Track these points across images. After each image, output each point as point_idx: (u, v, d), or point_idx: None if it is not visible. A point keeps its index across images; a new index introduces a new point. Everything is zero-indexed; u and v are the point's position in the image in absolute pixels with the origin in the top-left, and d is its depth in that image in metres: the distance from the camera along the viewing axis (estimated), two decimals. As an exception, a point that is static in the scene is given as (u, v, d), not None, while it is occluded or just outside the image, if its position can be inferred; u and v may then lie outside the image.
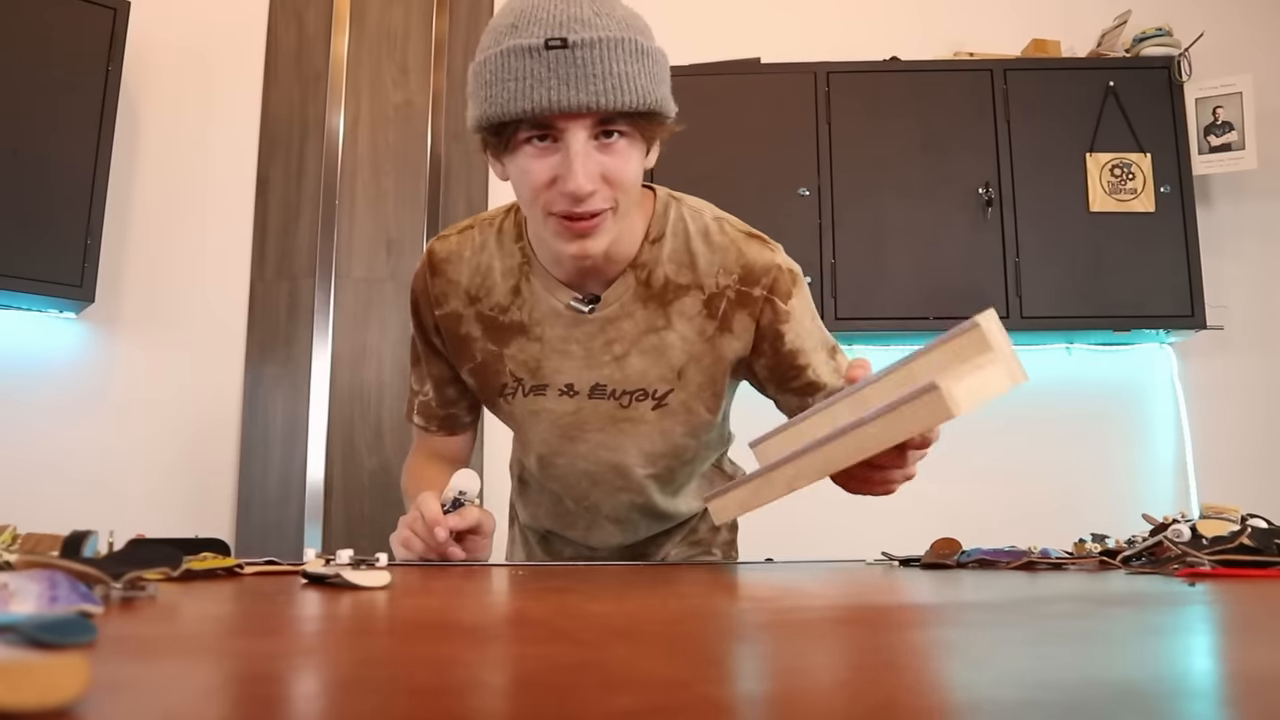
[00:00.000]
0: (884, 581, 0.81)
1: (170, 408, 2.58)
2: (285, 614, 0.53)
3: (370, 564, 0.79)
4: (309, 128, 2.68)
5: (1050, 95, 2.60)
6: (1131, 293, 2.51)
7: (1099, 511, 2.58)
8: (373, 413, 2.56)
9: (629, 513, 1.15)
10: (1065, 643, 0.42)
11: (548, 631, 0.44)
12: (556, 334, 1.03)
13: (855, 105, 2.60)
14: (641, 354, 1.02)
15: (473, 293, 1.06)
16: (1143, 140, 2.58)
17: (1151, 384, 2.76)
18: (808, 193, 2.54)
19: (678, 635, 0.44)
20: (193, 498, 2.54)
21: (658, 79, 0.89)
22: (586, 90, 0.83)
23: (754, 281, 1.03)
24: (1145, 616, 0.52)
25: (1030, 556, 0.93)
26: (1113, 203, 2.57)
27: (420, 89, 2.70)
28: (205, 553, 0.75)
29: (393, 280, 2.62)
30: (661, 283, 1.01)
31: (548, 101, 0.83)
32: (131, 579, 0.53)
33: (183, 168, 2.69)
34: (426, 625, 0.47)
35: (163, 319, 2.62)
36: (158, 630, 0.43)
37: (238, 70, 2.73)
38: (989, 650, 0.40)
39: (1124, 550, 0.91)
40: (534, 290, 1.03)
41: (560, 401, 1.05)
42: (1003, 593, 0.66)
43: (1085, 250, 2.53)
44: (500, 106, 0.85)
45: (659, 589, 0.71)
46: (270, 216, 2.66)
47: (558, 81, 0.83)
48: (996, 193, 2.53)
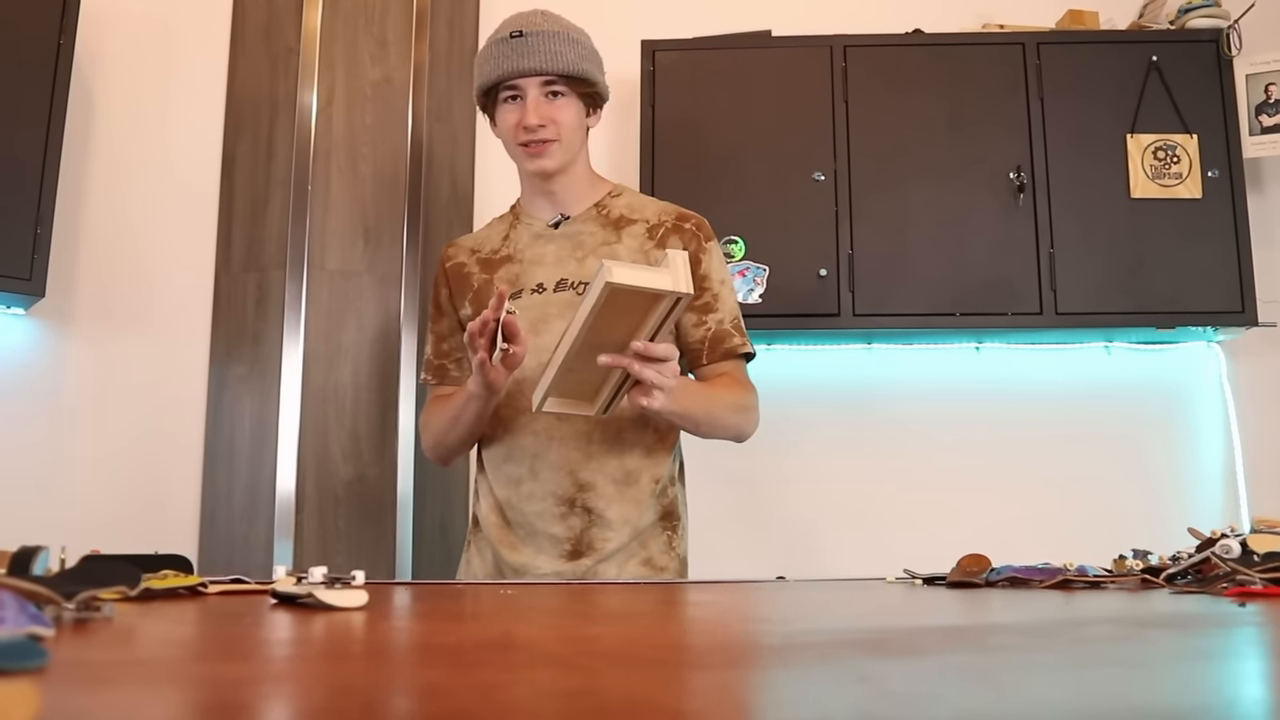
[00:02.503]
0: (905, 602, 0.81)
1: (127, 411, 2.58)
2: (253, 637, 0.53)
3: (345, 582, 0.79)
4: (279, 106, 2.68)
5: (1087, 71, 2.60)
6: (1176, 287, 2.51)
7: (1140, 525, 2.58)
8: (349, 417, 2.56)
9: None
10: (1104, 669, 0.42)
11: (538, 656, 0.44)
12: (535, 252, 1.54)
13: (874, 82, 2.60)
14: (597, 257, 1.49)
15: (475, 248, 1.62)
16: (1188, 120, 2.58)
17: (1198, 386, 2.76)
18: (823, 178, 2.54)
19: (682, 661, 0.44)
20: (152, 510, 2.54)
21: (585, 60, 1.50)
22: (534, 59, 1.45)
23: (686, 219, 1.55)
24: (1191, 640, 0.52)
25: (1066, 574, 0.93)
26: (1156, 188, 2.56)
27: (400, 64, 2.70)
28: (166, 570, 0.75)
29: (370, 272, 2.62)
30: (617, 216, 1.55)
31: (512, 67, 1.46)
32: (85, 599, 0.53)
33: (141, 150, 2.69)
34: (407, 649, 0.47)
35: (119, 315, 2.62)
36: (114, 655, 0.43)
37: (202, 43, 2.73)
38: (1020, 677, 0.40)
39: (1168, 568, 0.91)
40: (520, 230, 1.57)
41: (532, 299, 1.51)
42: (1035, 614, 0.66)
43: (1126, 240, 2.53)
44: (486, 76, 1.49)
45: (659, 610, 0.71)
46: (237, 203, 2.66)
47: (518, 56, 1.46)
48: (1029, 178, 2.53)
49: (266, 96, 2.69)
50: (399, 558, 2.48)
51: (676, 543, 1.52)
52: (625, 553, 1.47)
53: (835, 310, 2.45)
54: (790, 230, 2.48)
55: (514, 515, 1.50)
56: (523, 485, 1.48)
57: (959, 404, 2.66)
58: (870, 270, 2.50)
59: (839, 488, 2.63)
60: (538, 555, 1.47)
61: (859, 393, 2.68)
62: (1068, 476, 2.66)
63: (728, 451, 1.66)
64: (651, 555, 1.49)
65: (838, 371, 2.69)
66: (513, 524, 1.50)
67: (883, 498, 2.60)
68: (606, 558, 1.46)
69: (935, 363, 2.70)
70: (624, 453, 1.47)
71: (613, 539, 1.46)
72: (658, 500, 1.50)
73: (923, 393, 2.67)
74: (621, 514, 1.46)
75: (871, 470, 2.63)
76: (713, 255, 1.53)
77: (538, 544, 1.47)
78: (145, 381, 2.60)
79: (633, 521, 1.47)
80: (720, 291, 1.52)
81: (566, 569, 1.45)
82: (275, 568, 0.83)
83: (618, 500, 1.46)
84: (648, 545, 1.49)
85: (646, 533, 1.49)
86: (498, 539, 1.52)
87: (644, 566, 1.48)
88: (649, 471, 1.49)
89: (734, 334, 1.52)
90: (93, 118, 2.67)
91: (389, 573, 2.45)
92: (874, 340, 2.66)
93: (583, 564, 1.45)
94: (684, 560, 1.55)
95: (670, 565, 1.51)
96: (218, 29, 2.73)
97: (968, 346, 2.69)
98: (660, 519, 1.50)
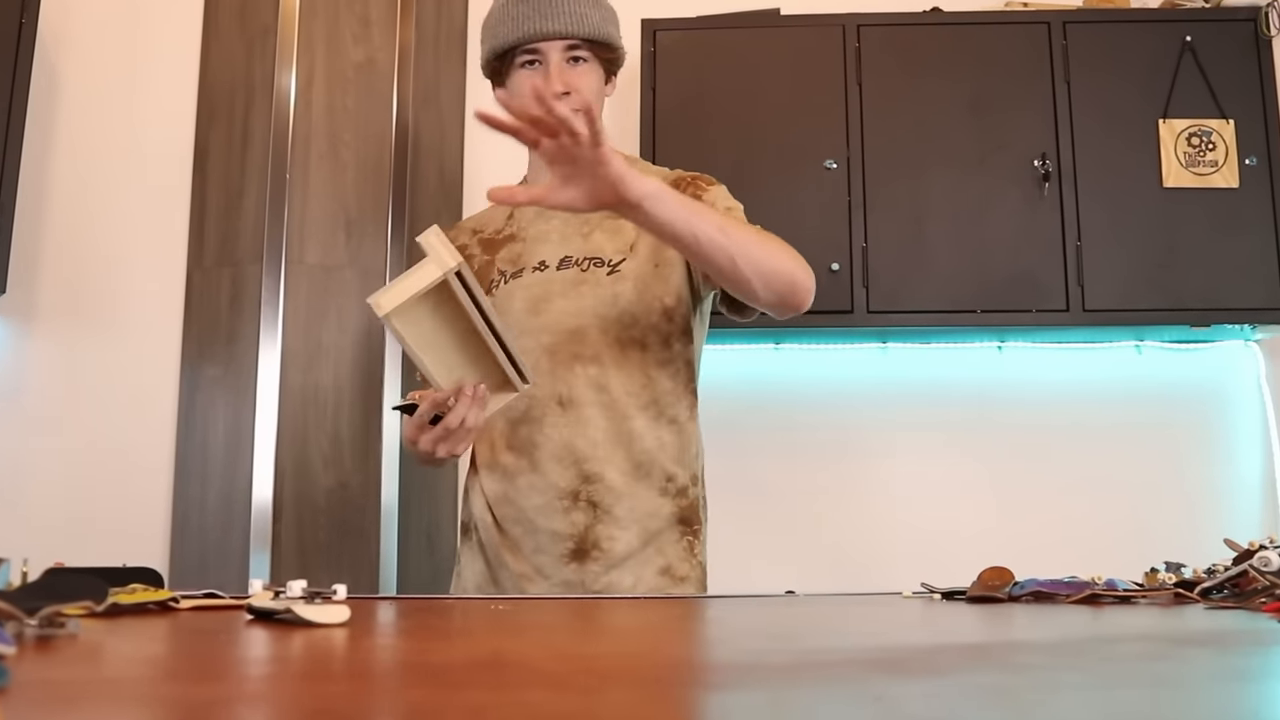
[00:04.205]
0: (923, 618, 0.81)
1: (93, 415, 2.58)
2: (227, 655, 0.53)
3: (326, 597, 0.79)
4: (255, 89, 2.68)
5: (1117, 52, 2.60)
6: (1211, 282, 2.51)
7: (1173, 536, 2.58)
8: (330, 421, 2.56)
9: (585, 391, 1.44)
10: (1135, 689, 0.42)
11: (533, 675, 0.44)
12: (539, 229, 1.52)
13: (890, 64, 2.60)
14: (603, 232, 1.49)
15: (476, 228, 1.62)
16: (1225, 105, 2.58)
17: (1234, 387, 2.76)
18: (835, 165, 2.54)
19: (684, 680, 0.44)
20: (119, 519, 2.54)
21: (609, 22, 1.49)
22: (558, 21, 1.41)
23: (688, 175, 1.54)
24: (1228, 659, 0.52)
25: (1093, 589, 0.93)
26: (1190, 177, 2.56)
27: (385, 45, 2.70)
28: (134, 584, 0.75)
29: (353, 266, 2.62)
30: None
31: (534, 29, 1.41)
32: (49, 615, 0.53)
33: (108, 136, 2.69)
34: (391, 668, 0.47)
35: (85, 313, 2.62)
36: (79, 674, 0.43)
37: (172, 22, 2.73)
38: (1045, 699, 0.40)
39: (1203, 581, 0.91)
40: (524, 208, 1.54)
41: (534, 277, 1.49)
42: (1062, 631, 0.66)
43: (1158, 232, 2.53)
44: (503, 39, 1.44)
45: (660, 625, 0.71)
46: (210, 192, 2.66)
47: (540, 18, 1.41)
48: (1055, 165, 2.53)
49: (241, 79, 2.69)
50: (383, 571, 2.48)
51: (699, 549, 1.48)
52: (639, 559, 1.43)
53: (848, 307, 2.45)
54: (800, 222, 2.48)
55: (510, 511, 1.46)
56: (520, 478, 1.45)
57: (980, 407, 2.65)
58: (885, 264, 2.50)
59: (849, 496, 2.63)
60: (536, 555, 1.44)
61: (872, 395, 2.68)
62: (1096, 484, 2.66)
63: (729, 457, 1.66)
64: (670, 563, 1.45)
65: (850, 373, 2.69)
66: (509, 521, 1.47)
67: (898, 507, 2.60)
68: (617, 564, 1.42)
69: (955, 363, 2.70)
70: (633, 442, 1.44)
71: (620, 538, 1.42)
72: (674, 500, 1.45)
73: (941, 395, 2.67)
74: (631, 510, 1.42)
75: (885, 477, 2.63)
76: (715, 191, 1.52)
77: (536, 542, 1.44)
78: (112, 383, 2.60)
79: (643, 519, 1.43)
80: (722, 207, 1.48)
81: (572, 575, 1.41)
82: (251, 581, 0.83)
83: (627, 495, 1.42)
84: (665, 552, 1.45)
85: (663, 536, 1.45)
86: (492, 541, 1.49)
87: (662, 576, 1.44)
88: (662, 465, 1.45)
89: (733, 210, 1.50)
90: (56, 102, 2.67)
91: (372, 587, 2.45)
92: (889, 339, 2.66)
93: (590, 570, 1.41)
94: (705, 569, 1.50)
95: (692, 575, 1.46)
96: (189, 6, 2.73)
97: (989, 345, 2.69)
98: (679, 521, 1.46)
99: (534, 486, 1.44)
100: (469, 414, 1.25)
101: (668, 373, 1.47)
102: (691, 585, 1.46)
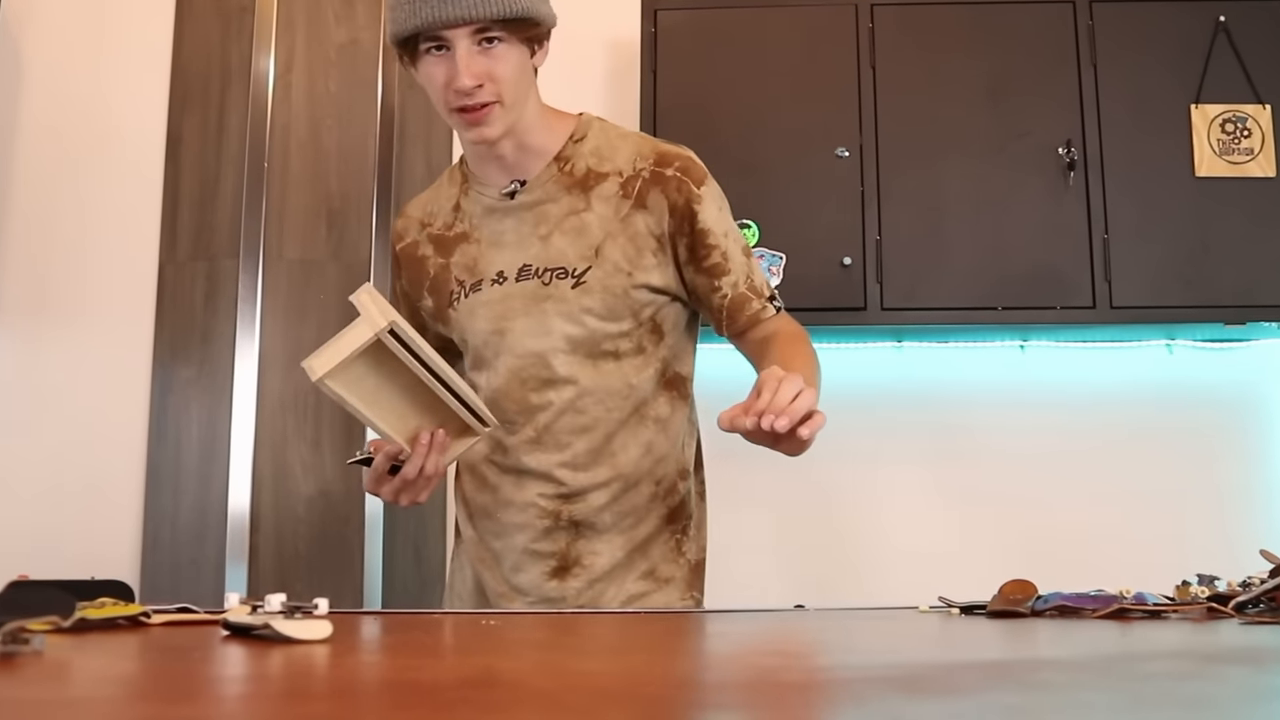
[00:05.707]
0: (941, 633, 0.81)
1: (60, 417, 2.58)
2: (201, 673, 0.53)
3: (307, 612, 0.79)
4: (231, 73, 2.68)
5: (1147, 32, 2.59)
6: (1247, 277, 2.51)
7: (1206, 546, 2.58)
8: (310, 425, 2.56)
9: (559, 418, 1.42)
10: (1166, 709, 0.41)
11: (525, 694, 0.44)
12: (491, 229, 1.46)
13: (905, 45, 2.60)
14: (563, 234, 1.42)
15: (424, 220, 1.54)
16: (1260, 89, 2.57)
17: (1271, 388, 2.76)
18: (847, 153, 2.54)
19: (687, 700, 0.44)
20: (87, 529, 2.54)
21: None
22: (459, 6, 1.28)
23: (667, 164, 1.42)
24: (1264, 678, 0.52)
25: (1122, 602, 0.93)
26: (1224, 166, 2.56)
27: (369, 25, 2.70)
28: (103, 598, 0.75)
29: (335, 261, 2.62)
30: (583, 171, 1.43)
31: (433, 17, 1.28)
32: (13, 630, 0.53)
33: (76, 122, 2.69)
34: (375, 686, 0.47)
35: (50, 309, 2.62)
36: (45, 693, 0.43)
37: (144, 1, 2.73)
38: (1070, 719, 0.40)
39: (1238, 595, 0.91)
40: (471, 200, 1.48)
41: (492, 291, 1.44)
42: (1088, 648, 0.66)
43: (1190, 225, 2.53)
44: (401, 24, 1.32)
45: (661, 642, 0.71)
46: (183, 182, 2.66)
47: (439, 1, 1.28)
48: (1080, 154, 2.53)
49: (217, 61, 2.69)
50: (367, 584, 2.48)
51: (686, 545, 1.48)
52: (623, 568, 1.44)
53: (861, 303, 2.45)
54: (810, 213, 2.48)
55: (491, 526, 1.48)
56: (501, 491, 1.46)
57: (1001, 409, 2.65)
58: (900, 258, 2.50)
59: (863, 504, 2.63)
60: (517, 574, 1.45)
61: (887, 397, 2.67)
62: (1124, 492, 2.66)
63: (733, 461, 1.66)
64: (654, 565, 1.45)
65: (863, 373, 2.69)
66: (490, 535, 1.49)
67: (913, 516, 2.60)
68: (600, 577, 1.43)
69: (974, 363, 2.70)
70: (616, 457, 1.43)
71: (604, 553, 1.43)
72: (663, 502, 1.46)
73: (959, 397, 2.67)
74: (615, 524, 1.43)
75: (900, 485, 2.63)
76: (707, 203, 1.42)
77: (516, 560, 1.45)
78: (80, 384, 2.59)
79: (628, 531, 1.44)
80: (726, 247, 1.42)
81: (553, 591, 1.43)
82: (227, 595, 0.83)
83: (610, 510, 1.43)
84: (649, 554, 1.46)
85: (649, 542, 1.45)
86: (475, 555, 1.51)
87: (644, 580, 1.45)
88: (647, 471, 1.44)
89: (751, 298, 1.43)
90: (20, 85, 2.67)
91: (356, 601, 2.45)
92: (904, 338, 2.65)
93: (571, 585, 1.43)
94: (696, 564, 1.49)
95: (676, 575, 1.46)
96: (162, -15, 2.73)
97: (1011, 344, 2.69)
98: (667, 521, 1.46)
99: (513, 503, 1.45)
100: (428, 461, 1.26)
101: (647, 375, 1.45)
102: (677, 586, 1.46)
